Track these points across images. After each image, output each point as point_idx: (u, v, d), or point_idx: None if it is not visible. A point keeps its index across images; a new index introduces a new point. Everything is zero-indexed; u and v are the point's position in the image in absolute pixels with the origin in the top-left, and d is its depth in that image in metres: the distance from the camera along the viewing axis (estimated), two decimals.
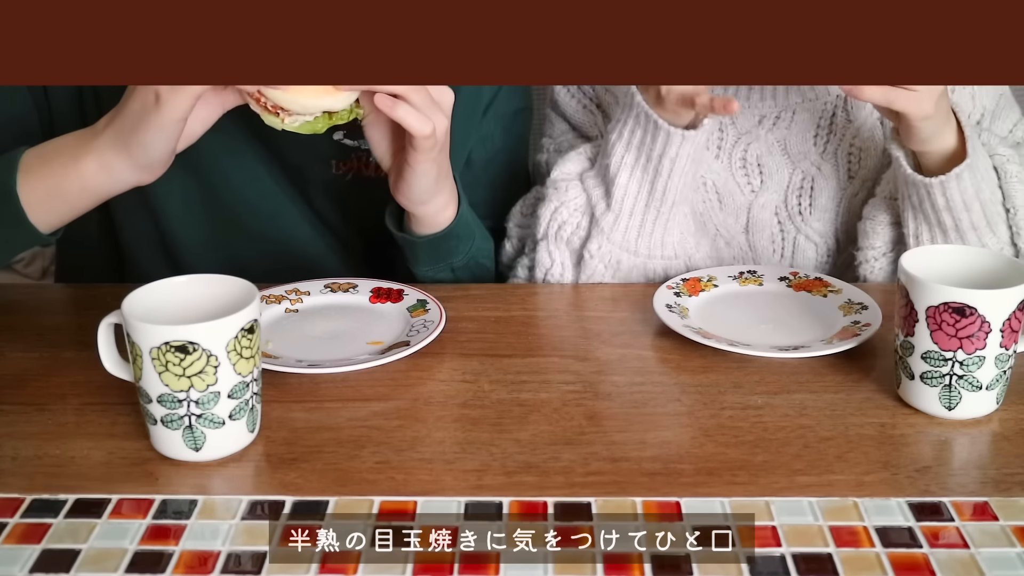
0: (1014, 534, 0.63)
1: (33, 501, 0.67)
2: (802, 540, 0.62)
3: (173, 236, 1.08)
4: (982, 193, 0.94)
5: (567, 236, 1.03)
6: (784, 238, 1.10)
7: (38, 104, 1.02)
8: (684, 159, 0.97)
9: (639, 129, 0.97)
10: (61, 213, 0.86)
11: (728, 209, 1.10)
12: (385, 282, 0.98)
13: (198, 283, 0.74)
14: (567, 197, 1.03)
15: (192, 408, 0.69)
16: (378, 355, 0.85)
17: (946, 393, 0.75)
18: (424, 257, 1.00)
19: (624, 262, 1.02)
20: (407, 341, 0.87)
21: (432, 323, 0.89)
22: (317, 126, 0.84)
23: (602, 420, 0.77)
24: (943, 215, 0.94)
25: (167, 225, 1.08)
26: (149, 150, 0.82)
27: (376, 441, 0.74)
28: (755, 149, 1.08)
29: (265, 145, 1.08)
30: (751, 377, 0.82)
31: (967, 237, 0.96)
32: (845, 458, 0.71)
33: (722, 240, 1.11)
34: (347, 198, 1.09)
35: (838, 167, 1.08)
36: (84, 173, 0.83)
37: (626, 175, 0.98)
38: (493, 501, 0.66)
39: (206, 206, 1.08)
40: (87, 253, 1.17)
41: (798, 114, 1.07)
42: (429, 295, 0.95)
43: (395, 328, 0.91)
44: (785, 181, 1.08)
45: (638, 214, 1.00)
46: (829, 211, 1.08)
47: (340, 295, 0.97)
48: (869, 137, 1.07)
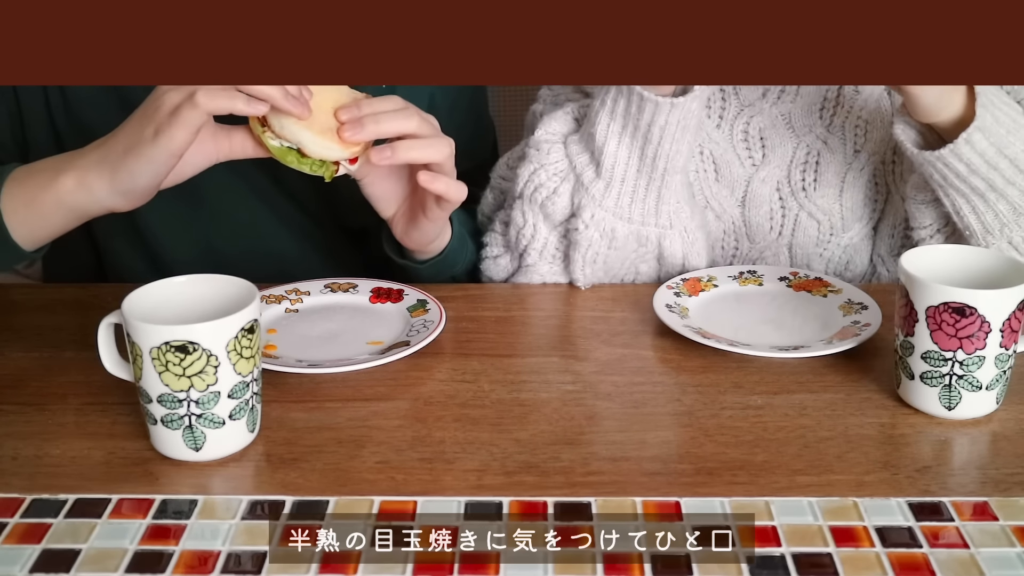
0: (1014, 534, 0.63)
1: (33, 501, 0.67)
2: (802, 540, 0.62)
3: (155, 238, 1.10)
4: (1009, 148, 0.88)
5: (541, 200, 1.00)
6: (785, 214, 1.07)
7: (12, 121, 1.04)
8: (674, 126, 0.93)
9: (622, 99, 0.94)
10: (37, 228, 0.84)
11: (724, 181, 1.07)
12: (385, 282, 0.98)
13: (198, 283, 0.74)
14: (547, 160, 1.00)
15: (192, 408, 0.69)
16: (378, 355, 0.85)
17: (946, 393, 0.75)
18: (425, 275, 1.01)
19: (619, 230, 0.98)
20: (407, 341, 0.87)
21: (432, 323, 0.89)
22: (324, 170, 0.85)
23: (602, 420, 0.77)
24: (972, 179, 0.89)
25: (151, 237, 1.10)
26: (135, 178, 0.80)
27: (376, 441, 0.74)
28: (758, 122, 1.06)
29: None
30: (751, 377, 0.82)
31: (1008, 193, 0.89)
32: (845, 458, 0.71)
33: (712, 213, 1.08)
34: (336, 195, 1.09)
35: (845, 141, 1.05)
36: (61, 188, 0.82)
37: (614, 143, 0.96)
38: (493, 501, 0.66)
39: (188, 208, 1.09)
40: (68, 251, 1.17)
41: (803, 86, 1.04)
42: (429, 295, 0.95)
43: (395, 328, 0.91)
44: (789, 155, 1.06)
45: (630, 180, 0.97)
46: (834, 187, 1.05)
47: (340, 295, 0.97)
48: (876, 109, 1.04)
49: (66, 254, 1.17)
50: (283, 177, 1.08)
